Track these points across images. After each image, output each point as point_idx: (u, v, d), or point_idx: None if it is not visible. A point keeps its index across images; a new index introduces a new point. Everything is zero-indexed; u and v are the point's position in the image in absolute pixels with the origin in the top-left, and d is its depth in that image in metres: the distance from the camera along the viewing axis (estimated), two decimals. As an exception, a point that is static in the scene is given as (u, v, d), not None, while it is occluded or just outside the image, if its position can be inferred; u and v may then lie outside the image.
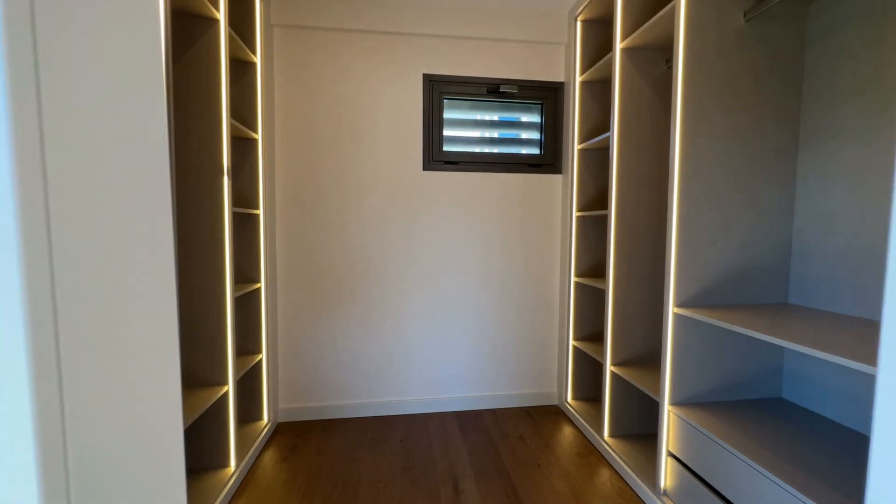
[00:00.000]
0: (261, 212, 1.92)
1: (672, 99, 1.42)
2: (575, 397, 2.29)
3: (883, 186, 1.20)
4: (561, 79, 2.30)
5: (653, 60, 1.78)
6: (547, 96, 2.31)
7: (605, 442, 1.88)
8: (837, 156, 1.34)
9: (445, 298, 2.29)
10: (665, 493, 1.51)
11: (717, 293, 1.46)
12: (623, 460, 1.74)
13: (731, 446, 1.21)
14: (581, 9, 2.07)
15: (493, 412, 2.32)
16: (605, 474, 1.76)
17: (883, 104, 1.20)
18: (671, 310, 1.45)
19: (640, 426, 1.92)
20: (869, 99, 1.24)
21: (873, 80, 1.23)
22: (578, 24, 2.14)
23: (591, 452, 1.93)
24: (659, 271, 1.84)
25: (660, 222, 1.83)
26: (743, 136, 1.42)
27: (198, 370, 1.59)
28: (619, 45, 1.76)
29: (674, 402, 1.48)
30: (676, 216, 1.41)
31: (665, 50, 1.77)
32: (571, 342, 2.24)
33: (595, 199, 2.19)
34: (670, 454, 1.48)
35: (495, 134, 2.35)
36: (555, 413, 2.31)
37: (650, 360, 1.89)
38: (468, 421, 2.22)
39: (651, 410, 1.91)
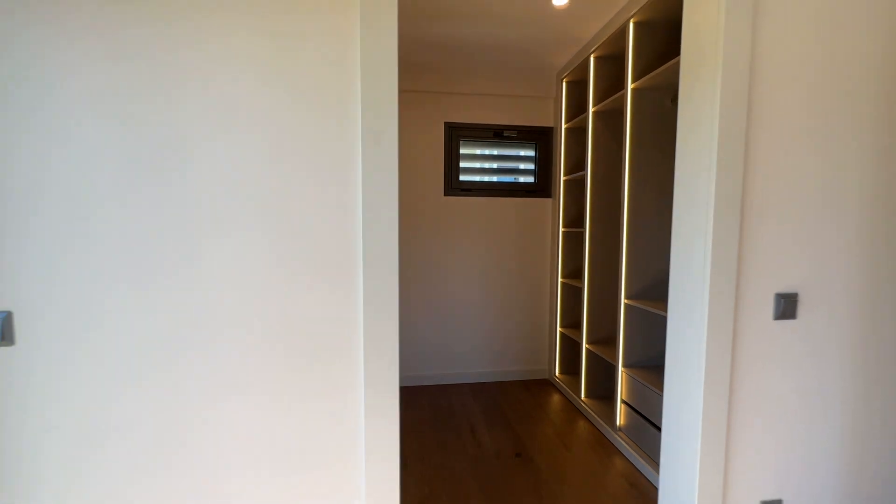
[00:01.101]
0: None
1: (623, 152, 2.08)
2: (561, 372, 2.95)
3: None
4: (550, 125, 2.96)
5: (615, 120, 2.44)
6: (539, 138, 2.98)
7: (582, 402, 2.53)
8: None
9: (460, 295, 2.94)
10: (620, 429, 2.16)
11: (654, 290, 2.11)
12: (594, 412, 2.39)
13: (659, 391, 1.86)
14: (565, 73, 2.74)
15: (498, 384, 2.97)
16: (581, 423, 2.41)
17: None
18: (622, 301, 2.11)
19: (605, 389, 2.57)
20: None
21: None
22: (564, 84, 2.80)
23: (571, 410, 2.58)
24: (620, 274, 2.50)
25: (619, 237, 2.48)
26: (669, 179, 2.08)
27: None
28: (591, 108, 2.42)
29: (625, 365, 2.13)
30: (626, 234, 2.07)
31: (622, 115, 2.43)
32: (558, 329, 2.90)
33: (576, 219, 2.84)
34: (623, 401, 2.14)
35: (500, 167, 3.01)
36: (545, 384, 2.97)
37: (613, 339, 2.54)
38: (478, 390, 2.87)
39: (613, 376, 2.56)
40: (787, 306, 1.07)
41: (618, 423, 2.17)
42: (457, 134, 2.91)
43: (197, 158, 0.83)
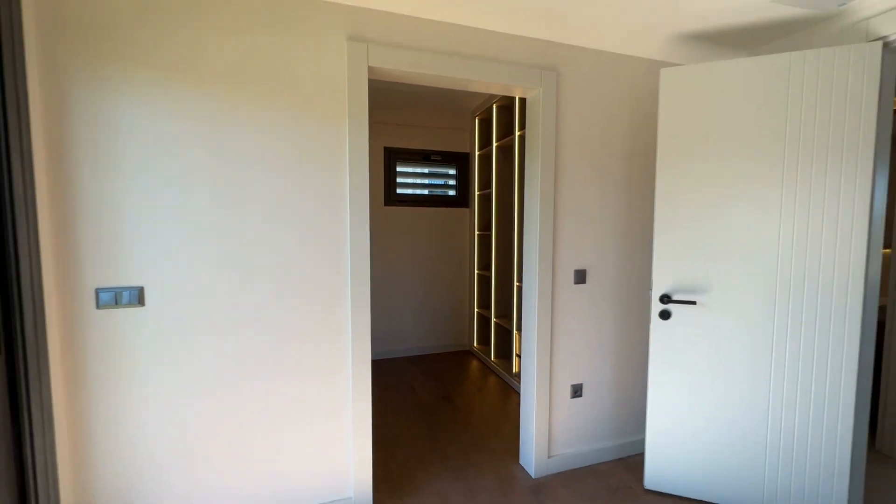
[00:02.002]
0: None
1: (514, 176, 2.93)
2: (478, 343, 3.79)
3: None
4: (467, 151, 3.79)
5: (510, 152, 3.32)
6: (459, 161, 3.79)
7: (493, 362, 3.39)
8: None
9: (398, 286, 3.65)
10: (515, 375, 3.03)
11: (536, 275, 3.00)
12: (500, 368, 3.25)
13: (533, 340, 2.74)
14: (478, 112, 3.57)
15: (430, 355, 3.73)
16: (491, 377, 3.26)
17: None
18: (515, 284, 2.98)
19: (507, 350, 3.45)
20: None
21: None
22: (476, 120, 3.64)
23: (484, 369, 3.43)
24: (513, 265, 3.39)
25: (513, 238, 3.37)
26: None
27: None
28: (494, 143, 3.27)
29: (517, 329, 3.00)
30: (517, 236, 2.93)
31: (513, 150, 3.33)
32: (475, 309, 3.74)
33: (486, 224, 3.70)
34: (517, 355, 3.01)
35: (429, 182, 3.77)
36: (467, 353, 3.80)
37: (510, 313, 3.43)
38: (414, 361, 3.60)
39: (511, 339, 3.46)
40: (581, 277, 1.96)
41: (514, 370, 3.04)
42: (394, 156, 3.62)
43: (255, 200, 1.45)
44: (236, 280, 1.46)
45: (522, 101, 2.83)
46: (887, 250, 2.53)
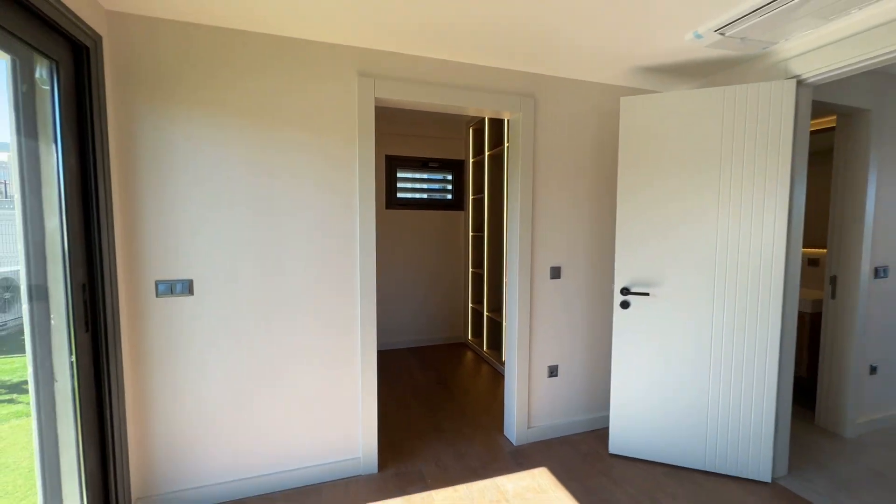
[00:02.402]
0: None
1: (504, 183, 3.25)
2: (472, 335, 4.11)
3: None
4: (462, 158, 4.11)
5: (500, 161, 3.63)
6: (454, 167, 4.11)
7: (485, 352, 3.70)
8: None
9: (399, 283, 3.97)
10: (505, 363, 3.34)
11: (523, 272, 3.32)
12: (491, 357, 3.57)
13: (519, 331, 3.05)
14: (472, 123, 3.89)
15: (428, 347, 4.05)
16: (483, 366, 3.58)
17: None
18: (505, 280, 3.29)
19: (498, 342, 3.76)
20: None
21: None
22: (471, 130, 3.95)
23: (477, 359, 3.74)
24: (503, 263, 3.70)
25: (503, 239, 3.68)
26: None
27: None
28: (486, 152, 3.59)
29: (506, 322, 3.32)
30: (507, 237, 3.24)
31: (503, 159, 3.63)
32: (469, 304, 4.06)
33: (479, 226, 4.01)
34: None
35: (427, 187, 4.09)
36: (462, 345, 4.11)
37: (501, 307, 3.75)
38: (414, 352, 3.92)
39: (501, 331, 3.77)
40: (556, 273, 2.27)
41: (503, 359, 3.36)
42: (394, 163, 3.93)
43: (285, 208, 1.76)
44: (267, 274, 1.78)
45: (510, 116, 3.14)
46: (823, 250, 2.83)
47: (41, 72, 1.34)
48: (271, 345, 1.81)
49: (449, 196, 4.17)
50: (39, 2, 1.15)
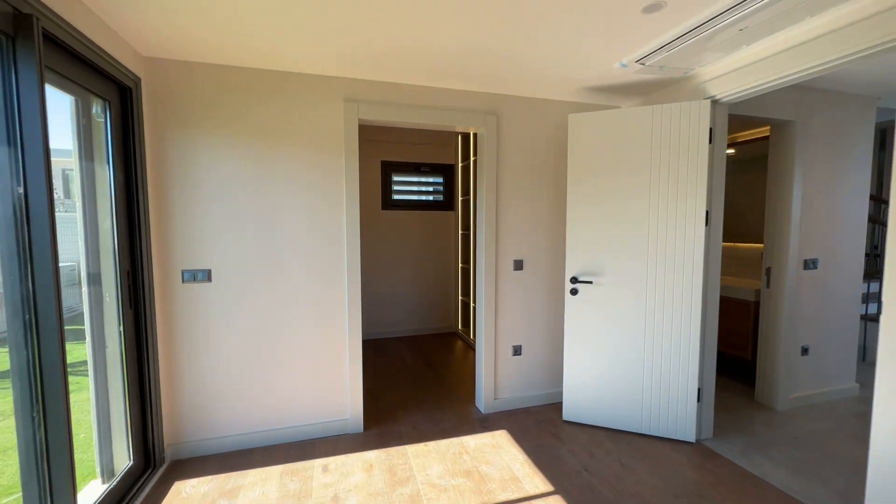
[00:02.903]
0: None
1: (472, 189, 3.60)
2: (461, 325, 4.47)
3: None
4: (452, 163, 4.47)
5: (486, 165, 3.98)
6: (445, 171, 4.47)
7: (472, 340, 4.07)
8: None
9: (394, 277, 4.35)
10: (486, 349, 3.70)
11: (503, 267, 3.67)
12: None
13: (497, 319, 3.41)
14: (459, 132, 4.24)
15: (420, 336, 4.43)
16: (470, 352, 3.94)
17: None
18: (473, 271, 3.64)
19: (486, 331, 4.11)
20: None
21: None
22: (459, 137, 4.31)
23: (465, 347, 4.11)
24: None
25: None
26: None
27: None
28: (472, 157, 3.95)
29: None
30: (476, 236, 3.60)
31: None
32: (459, 297, 4.42)
33: (467, 225, 4.37)
34: (487, 332, 3.68)
35: (420, 190, 4.46)
36: (452, 334, 4.48)
37: (490, 300, 4.10)
38: (407, 340, 4.30)
39: (491, 324, 4.12)
40: (518, 265, 2.62)
41: (485, 345, 3.71)
42: (390, 168, 4.32)
43: (285, 210, 2.16)
44: (271, 262, 2.17)
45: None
46: (760, 244, 3.08)
47: (96, 108, 1.75)
48: (274, 322, 2.20)
49: (441, 198, 4.54)
50: (93, 55, 1.56)
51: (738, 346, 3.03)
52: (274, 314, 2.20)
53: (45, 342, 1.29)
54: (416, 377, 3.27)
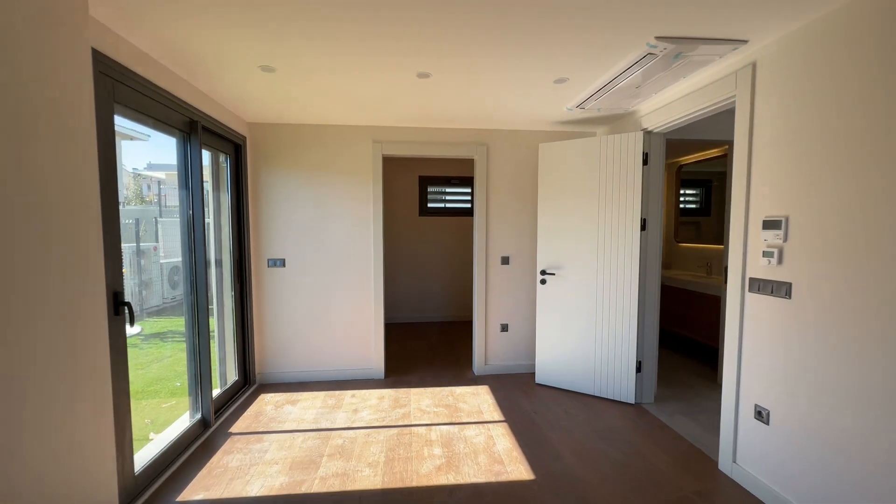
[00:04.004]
0: (354, 236, 4.92)
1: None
2: (484, 314, 5.22)
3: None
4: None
5: (502, 178, 4.70)
6: (471, 182, 5.27)
7: (489, 326, 4.80)
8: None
9: (428, 272, 5.25)
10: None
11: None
12: (490, 328, 4.67)
13: (503, 307, 4.13)
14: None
15: (449, 322, 5.27)
16: (485, 335, 4.69)
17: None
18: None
19: (502, 319, 4.83)
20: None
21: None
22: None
23: (483, 330, 4.86)
24: (508, 258, 4.75)
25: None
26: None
27: (338, 292, 4.59)
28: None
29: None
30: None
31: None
32: (482, 290, 5.18)
33: (491, 229, 5.10)
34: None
35: (451, 199, 5.31)
36: (476, 322, 5.25)
37: (505, 293, 4.81)
38: (437, 325, 5.17)
39: (506, 313, 4.82)
40: (506, 260, 3.34)
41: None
42: (425, 181, 5.23)
43: (331, 219, 3.15)
44: (324, 254, 3.18)
45: (498, 147, 4.23)
46: (724, 245, 3.39)
47: (222, 158, 2.88)
48: (323, 296, 3.21)
49: (468, 205, 5.34)
50: (223, 130, 2.66)
51: (710, 336, 3.42)
52: (323, 291, 3.21)
53: (199, 297, 2.37)
54: (434, 351, 4.12)
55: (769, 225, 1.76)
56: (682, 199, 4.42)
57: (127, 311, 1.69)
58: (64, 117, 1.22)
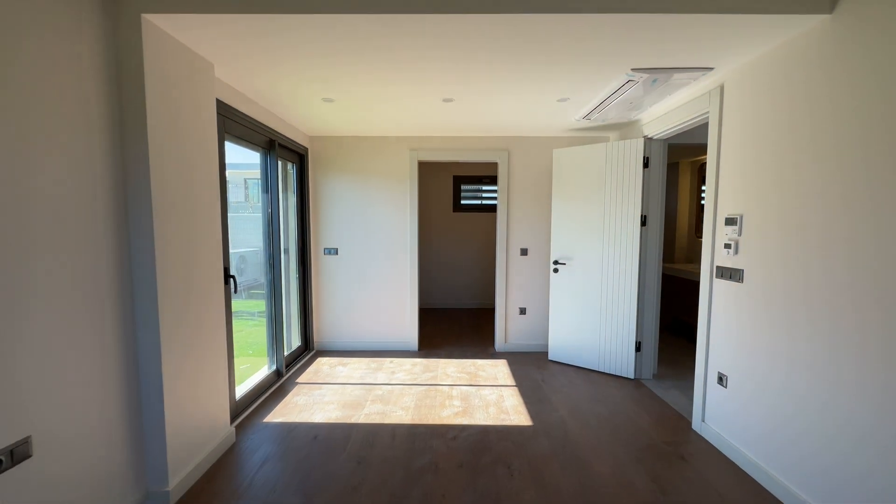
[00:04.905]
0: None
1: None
2: (511, 303, 5.67)
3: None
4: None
5: (529, 177, 5.11)
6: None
7: (515, 313, 5.26)
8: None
9: (460, 262, 5.78)
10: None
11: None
12: (516, 315, 5.13)
13: (525, 294, 4.57)
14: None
15: (477, 309, 5.77)
16: (510, 320, 5.16)
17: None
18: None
19: (527, 307, 5.26)
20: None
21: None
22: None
23: (509, 317, 5.33)
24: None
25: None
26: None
27: (380, 279, 5.25)
28: (517, 172, 5.12)
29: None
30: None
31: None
32: (509, 280, 5.64)
33: (518, 224, 5.53)
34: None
35: (482, 196, 5.79)
36: (504, 309, 5.72)
37: (530, 283, 5.23)
38: (466, 311, 5.69)
39: (531, 302, 5.25)
40: (524, 252, 3.78)
41: (520, 316, 4.89)
42: (458, 180, 5.75)
43: (374, 215, 3.77)
44: (369, 244, 3.81)
45: (523, 150, 4.66)
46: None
47: (289, 166, 3.57)
48: (368, 279, 3.84)
49: (496, 202, 5.79)
50: (292, 144, 3.34)
51: (717, 325, 3.66)
52: (367, 275, 3.84)
53: (276, 277, 3.06)
54: (462, 332, 4.66)
55: (729, 222, 2.11)
56: (702, 195, 4.60)
57: (233, 281, 2.37)
58: (206, 146, 1.88)
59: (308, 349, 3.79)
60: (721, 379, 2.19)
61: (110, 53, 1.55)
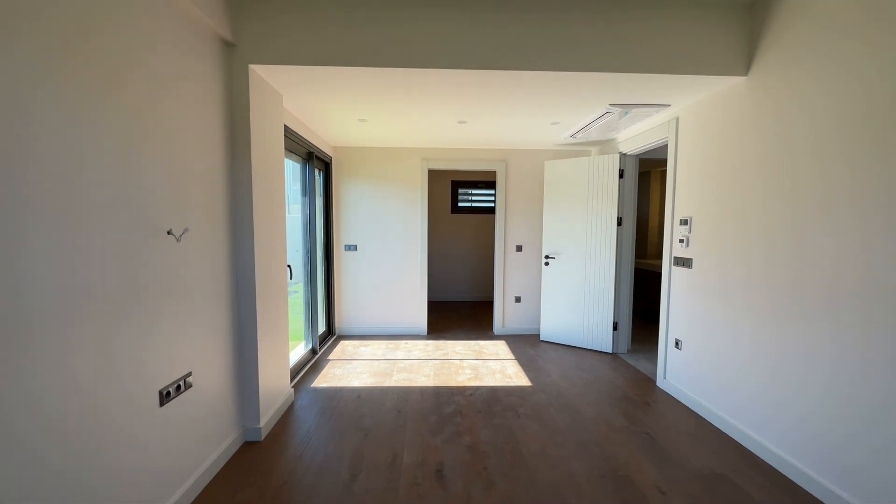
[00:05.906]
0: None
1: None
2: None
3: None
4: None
5: (520, 183, 5.74)
6: (495, 186, 6.33)
7: (508, 304, 5.88)
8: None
9: (459, 259, 6.36)
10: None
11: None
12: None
13: (518, 286, 5.19)
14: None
15: (476, 301, 6.37)
16: (504, 311, 5.77)
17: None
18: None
19: (519, 299, 5.89)
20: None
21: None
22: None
23: (503, 307, 5.94)
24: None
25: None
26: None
27: (387, 274, 5.79)
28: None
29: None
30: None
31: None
32: (503, 275, 6.25)
33: (511, 224, 6.15)
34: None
35: (478, 199, 6.39)
36: (497, 301, 6.34)
37: (522, 277, 5.86)
38: (467, 303, 6.28)
39: (522, 294, 5.88)
40: (519, 248, 4.39)
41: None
42: (456, 184, 6.33)
43: (389, 216, 4.31)
44: (384, 242, 4.35)
45: (517, 159, 5.28)
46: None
47: (317, 172, 4.08)
48: (383, 272, 4.38)
49: (492, 205, 6.40)
50: (322, 154, 3.86)
51: (680, 309, 4.35)
52: (382, 269, 4.38)
53: (312, 270, 3.57)
54: (464, 320, 5.24)
55: (683, 222, 2.76)
56: (670, 200, 5.32)
57: (289, 269, 2.88)
58: (277, 160, 2.41)
59: (331, 333, 4.30)
60: (677, 343, 2.84)
61: (226, 94, 2.07)
